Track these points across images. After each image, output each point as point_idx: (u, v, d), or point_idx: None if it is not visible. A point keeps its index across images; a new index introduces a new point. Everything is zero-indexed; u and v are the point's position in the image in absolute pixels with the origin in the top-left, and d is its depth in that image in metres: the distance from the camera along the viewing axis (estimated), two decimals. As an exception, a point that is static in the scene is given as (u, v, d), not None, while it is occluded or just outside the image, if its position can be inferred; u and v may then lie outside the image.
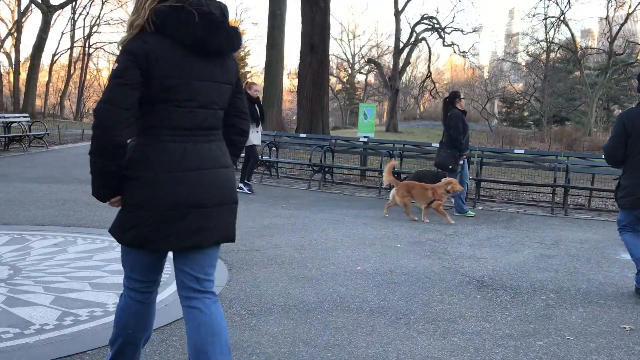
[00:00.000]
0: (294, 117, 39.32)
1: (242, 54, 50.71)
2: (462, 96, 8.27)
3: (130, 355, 2.53)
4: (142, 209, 2.26)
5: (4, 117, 17.09)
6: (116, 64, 2.21)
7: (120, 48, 2.25)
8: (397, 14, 34.69)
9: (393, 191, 7.67)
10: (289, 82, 54.41)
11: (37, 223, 6.32)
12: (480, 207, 9.00)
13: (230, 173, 2.45)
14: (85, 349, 3.12)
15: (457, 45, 37.28)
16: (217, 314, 2.40)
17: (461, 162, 8.05)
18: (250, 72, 54.20)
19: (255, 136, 9.29)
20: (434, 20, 35.60)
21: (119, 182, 2.28)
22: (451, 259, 5.55)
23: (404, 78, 49.98)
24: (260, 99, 9.58)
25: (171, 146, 2.26)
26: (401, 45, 36.10)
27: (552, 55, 38.14)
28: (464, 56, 38.74)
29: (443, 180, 7.65)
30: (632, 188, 4.48)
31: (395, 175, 9.95)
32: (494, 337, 3.57)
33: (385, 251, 5.73)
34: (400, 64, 36.95)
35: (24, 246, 5.27)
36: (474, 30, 38.59)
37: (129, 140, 2.26)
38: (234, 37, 2.34)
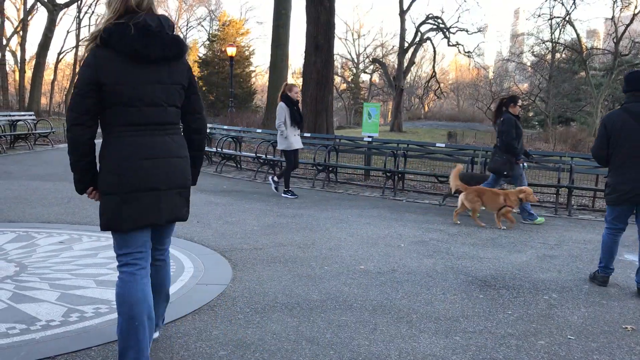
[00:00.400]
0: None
1: (247, 53, 50.81)
2: (519, 102, 7.93)
3: (140, 334, 2.72)
4: (108, 195, 2.69)
5: (10, 115, 17.18)
6: (77, 76, 2.69)
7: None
8: (402, 13, 34.68)
9: (462, 196, 7.44)
10: (294, 81, 54.46)
11: (42, 220, 6.37)
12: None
13: (183, 162, 2.85)
14: (90, 345, 3.16)
15: (462, 45, 37.24)
16: (165, 273, 3.11)
17: (521, 166, 7.89)
18: (254, 70, 54.30)
19: (296, 140, 8.98)
20: (439, 20, 35.58)
21: (92, 176, 2.74)
22: (454, 258, 5.57)
23: (409, 78, 49.97)
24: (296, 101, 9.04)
25: (127, 140, 2.68)
26: (406, 45, 36.08)
27: (558, 55, 38.08)
28: (469, 56, 38.70)
29: (517, 187, 7.49)
30: (615, 185, 4.76)
31: (395, 175, 9.96)
32: (496, 336, 3.59)
33: (388, 250, 5.75)
34: (405, 64, 36.95)
35: (30, 243, 5.32)
36: (479, 31, 38.56)
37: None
38: (170, 44, 2.74)
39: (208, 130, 15.50)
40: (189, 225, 6.46)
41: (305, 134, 13.38)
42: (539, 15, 35.29)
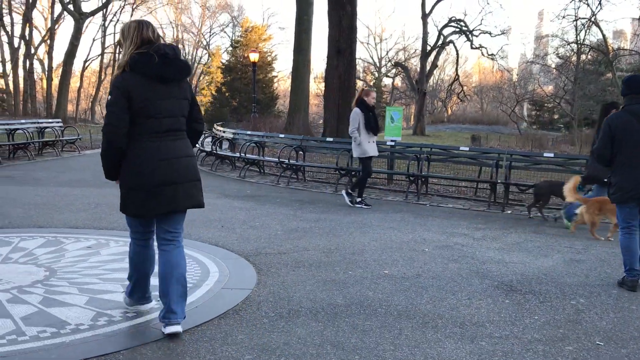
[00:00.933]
0: (320, 121, 39.40)
1: (269, 58, 51.10)
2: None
3: (144, 285, 3.75)
4: (135, 190, 3.36)
5: (38, 123, 17.54)
6: (109, 96, 3.33)
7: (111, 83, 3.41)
8: (425, 17, 34.56)
9: (582, 209, 7.13)
10: (316, 86, 54.62)
11: (70, 226, 6.48)
12: (509, 211, 8.93)
13: (193, 160, 3.56)
14: (119, 348, 3.21)
15: (485, 48, 36.98)
16: (178, 255, 3.54)
17: None
18: (277, 76, 54.58)
19: (371, 147, 8.70)
20: (462, 23, 35.38)
21: (118, 171, 3.44)
22: (479, 263, 5.52)
23: (431, 81, 49.73)
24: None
25: (149, 145, 3.35)
26: (428, 48, 35.94)
27: (583, 57, 37.51)
28: (492, 59, 38.41)
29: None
30: (620, 184, 4.88)
31: (412, 178, 9.91)
32: (523, 342, 3.55)
33: (412, 255, 5.73)
34: (428, 67, 36.80)
35: (59, 248, 5.42)
36: (503, 33, 38.26)
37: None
38: (182, 68, 3.45)
39: (231, 136, 15.68)
40: (213, 230, 6.52)
41: (328, 139, 13.41)
42: (564, 17, 34.75)
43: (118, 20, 48.20)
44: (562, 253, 6.12)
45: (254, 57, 26.64)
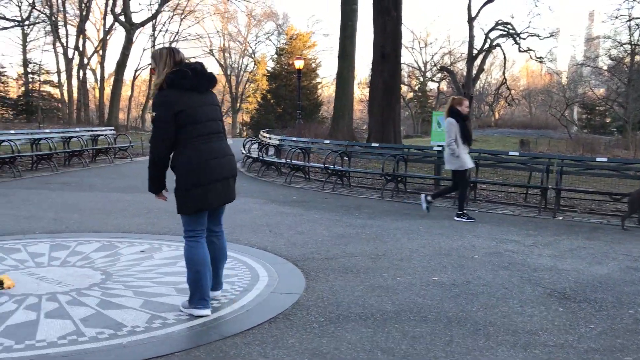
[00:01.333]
0: (364, 127, 39.35)
1: (313, 65, 51.40)
2: None
3: (203, 281, 3.87)
4: (194, 188, 3.72)
5: (92, 131, 18.13)
6: (155, 113, 3.73)
7: (152, 100, 3.82)
8: (471, 20, 34.12)
9: None
10: (360, 91, 54.59)
11: (124, 230, 6.67)
12: (561, 218, 8.70)
13: (233, 158, 4.01)
14: (173, 350, 3.29)
15: (534, 51, 36.11)
16: (223, 241, 4.19)
17: None
18: (321, 82, 54.82)
19: (468, 158, 8.32)
20: (509, 26, 34.73)
21: (163, 182, 3.83)
22: (531, 270, 5.41)
23: (478, 85, 49.01)
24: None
25: (201, 147, 3.75)
26: (475, 52, 35.44)
27: (637, 58, 36.29)
28: (540, 62, 37.51)
29: None
30: None
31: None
32: (578, 351, 3.46)
33: (462, 262, 5.66)
34: (474, 71, 36.27)
35: (114, 252, 5.59)
36: (551, 35, 37.29)
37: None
38: (211, 79, 3.89)
39: (277, 142, 15.83)
40: (261, 235, 6.60)
41: (373, 144, 13.39)
42: (617, 17, 33.71)
43: (167, 30, 49.42)
44: (618, 260, 5.93)
45: (299, 64, 26.85)
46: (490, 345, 3.51)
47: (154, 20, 44.55)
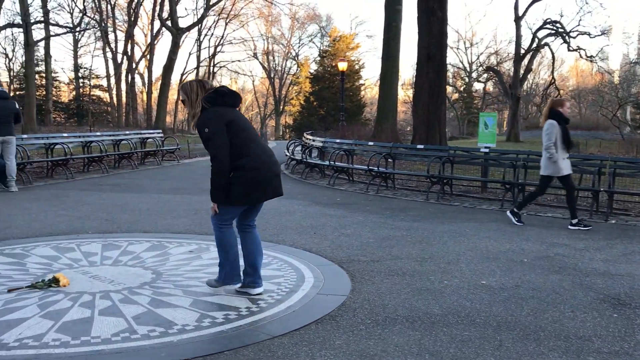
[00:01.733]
0: (408, 128, 39.04)
1: (356, 67, 51.34)
2: None
3: (237, 264, 4.41)
4: (253, 183, 4.18)
5: (141, 134, 18.58)
6: (207, 129, 4.09)
7: (194, 121, 4.22)
8: (518, 19, 33.48)
9: None
10: (403, 92, 54.21)
11: (173, 231, 6.82)
12: (614, 221, 8.44)
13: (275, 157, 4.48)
14: (222, 349, 3.34)
15: (584, 50, 35.19)
16: (258, 235, 4.53)
17: None
18: (364, 84, 54.70)
19: (566, 164, 7.84)
20: (558, 25, 33.93)
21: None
22: (582, 275, 5.26)
23: (525, 85, 47.99)
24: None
25: (255, 149, 4.23)
26: (522, 51, 34.73)
27: (694, 55, 34.85)
28: (591, 61, 36.51)
29: None
30: None
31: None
32: (635, 359, 3.35)
33: (510, 265, 5.55)
34: (521, 71, 35.55)
35: (163, 252, 5.72)
36: (603, 33, 36.23)
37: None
38: (239, 97, 4.39)
39: (320, 144, 15.88)
40: (306, 237, 6.63)
41: (418, 146, 13.27)
42: (672, 13, 32.49)
43: (212, 34, 50.23)
44: (676, 266, 5.70)
45: (342, 66, 26.86)
46: (541, 351, 3.44)
47: (199, 25, 45.42)
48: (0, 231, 6.61)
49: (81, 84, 48.56)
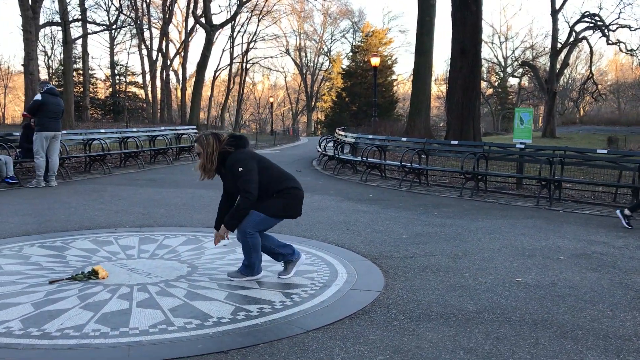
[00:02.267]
0: (441, 124, 38.65)
1: (389, 62, 51.06)
2: None
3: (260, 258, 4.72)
4: (293, 202, 4.65)
5: (176, 130, 18.83)
6: (241, 168, 4.43)
7: (207, 173, 4.61)
8: (554, 13, 32.78)
9: None
10: (436, 88, 53.69)
11: (208, 225, 6.90)
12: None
13: None
14: (257, 342, 3.38)
15: (624, 43, 34.23)
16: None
17: None
18: (396, 79, 54.38)
19: None
20: (597, 18, 33.10)
21: None
22: (622, 273, 5.15)
23: (562, 80, 47.01)
24: None
25: (290, 175, 4.77)
26: (559, 45, 34.01)
27: None
28: (631, 54, 35.46)
29: None
30: None
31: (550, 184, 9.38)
32: (677, 360, 3.27)
33: (546, 263, 5.47)
34: (558, 66, 34.82)
35: (199, 246, 5.80)
36: (644, 26, 35.12)
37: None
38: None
39: (353, 140, 15.86)
40: (338, 232, 6.64)
41: (452, 141, 13.14)
42: None
43: (245, 31, 50.59)
44: None
45: (375, 61, 26.73)
46: (579, 350, 3.38)
47: (232, 22, 45.76)
48: (41, 224, 6.80)
49: (117, 81, 49.50)
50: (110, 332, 3.50)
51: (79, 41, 38.25)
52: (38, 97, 10.23)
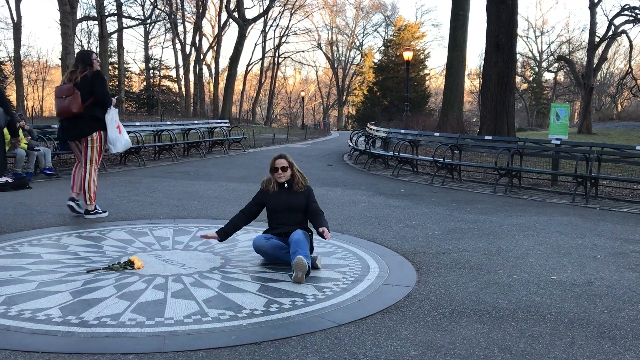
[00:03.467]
0: (474, 119, 38.15)
1: (421, 56, 50.62)
2: None
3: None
4: None
5: (209, 123, 19.02)
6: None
7: (298, 180, 5.08)
8: (593, 6, 32.01)
9: None
10: (469, 82, 53.03)
11: (240, 218, 6.95)
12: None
13: None
14: (290, 334, 3.40)
15: (665, 37, 33.14)
16: None
17: None
18: (429, 73, 53.87)
19: None
20: (637, 11, 32.19)
21: None
22: (662, 273, 5.02)
23: (599, 75, 45.93)
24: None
25: None
26: (597, 39, 33.21)
27: None
28: (673, 48, 34.39)
29: None
30: None
31: (588, 180, 9.20)
32: None
33: (582, 261, 5.36)
34: (595, 60, 34.01)
35: (232, 238, 5.84)
36: (687, 19, 34.05)
37: None
38: None
39: (384, 135, 15.78)
40: (370, 227, 6.63)
41: (486, 137, 12.97)
42: None
43: (277, 25, 50.72)
44: None
45: (407, 55, 26.52)
46: (616, 350, 3.31)
47: (265, 16, 45.92)
48: (79, 215, 6.94)
49: (151, 75, 50.22)
50: (146, 322, 3.56)
51: (115, 35, 38.91)
52: None
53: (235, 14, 38.97)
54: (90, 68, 6.75)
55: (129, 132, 13.90)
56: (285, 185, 5.08)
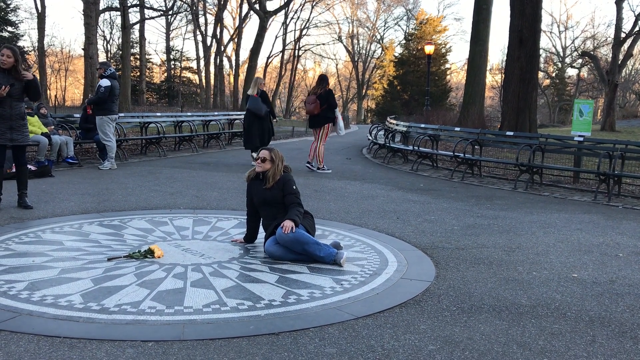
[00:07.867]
0: (495, 115, 37.77)
1: (443, 50, 50.19)
2: None
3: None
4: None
5: (229, 115, 19.08)
6: (295, 186, 5.07)
7: (271, 177, 5.07)
8: (619, 1, 31.44)
9: None
10: (491, 77, 52.51)
11: (259, 210, 6.98)
12: None
13: None
14: (308, 326, 3.41)
15: (693, 33, 32.45)
16: None
17: None
18: (450, 68, 53.41)
19: None
20: (664, 6, 31.51)
21: None
22: (685, 273, 4.93)
23: (624, 72, 45.17)
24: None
25: None
26: (622, 35, 32.63)
27: None
28: (701, 45, 33.69)
29: None
30: None
31: (605, 178, 9.06)
32: None
33: (604, 260, 5.29)
34: (621, 57, 33.44)
35: (250, 230, 5.87)
36: None
37: None
38: None
39: (404, 129, 15.70)
40: (389, 221, 6.61)
41: (508, 132, 12.84)
42: None
43: (298, 17, 50.61)
44: None
45: (429, 49, 26.33)
46: (638, 350, 3.27)
47: (286, 8, 45.80)
48: (100, 203, 7.03)
49: (172, 66, 50.50)
50: (166, 310, 3.60)
51: (137, 26, 39.16)
52: (107, 82, 10.24)
53: (257, 6, 38.96)
54: (326, 86, 11.48)
55: (150, 123, 14.07)
56: (261, 177, 5.15)
